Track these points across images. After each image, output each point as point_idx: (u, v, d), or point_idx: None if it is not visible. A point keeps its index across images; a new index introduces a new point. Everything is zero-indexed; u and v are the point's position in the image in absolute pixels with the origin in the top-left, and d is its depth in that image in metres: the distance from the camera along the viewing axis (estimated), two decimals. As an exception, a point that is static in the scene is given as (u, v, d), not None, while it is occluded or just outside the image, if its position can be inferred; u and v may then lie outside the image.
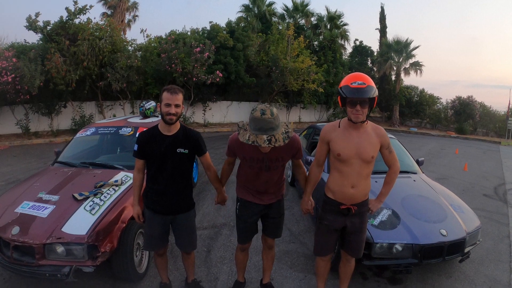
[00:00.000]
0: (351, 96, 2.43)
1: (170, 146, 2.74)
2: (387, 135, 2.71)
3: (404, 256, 3.43)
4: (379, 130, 2.65)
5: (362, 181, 2.63)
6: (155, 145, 2.74)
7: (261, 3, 25.02)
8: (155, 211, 2.85)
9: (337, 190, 2.69)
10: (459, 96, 27.06)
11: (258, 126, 2.38)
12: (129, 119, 5.24)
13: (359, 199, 2.69)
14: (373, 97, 2.45)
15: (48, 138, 13.66)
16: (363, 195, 2.70)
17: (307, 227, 5.02)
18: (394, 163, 2.74)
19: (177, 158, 2.76)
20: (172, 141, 2.75)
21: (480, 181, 9.09)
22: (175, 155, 2.75)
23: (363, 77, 2.49)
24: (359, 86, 2.42)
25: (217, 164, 9.01)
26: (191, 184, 3.02)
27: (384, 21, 29.31)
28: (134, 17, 30.12)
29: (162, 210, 2.85)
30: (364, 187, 2.67)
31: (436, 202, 4.12)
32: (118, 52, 14.72)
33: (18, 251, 2.98)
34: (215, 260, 3.99)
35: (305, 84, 19.34)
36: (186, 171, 2.90)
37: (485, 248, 4.68)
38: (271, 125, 2.37)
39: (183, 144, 2.77)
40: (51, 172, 4.17)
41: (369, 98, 2.44)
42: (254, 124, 2.40)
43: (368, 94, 2.42)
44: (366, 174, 2.65)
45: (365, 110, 2.47)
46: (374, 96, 2.46)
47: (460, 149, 15.66)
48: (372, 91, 2.43)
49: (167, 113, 2.64)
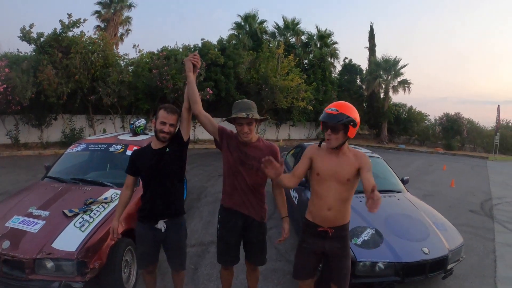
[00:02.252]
0: (321, 119, 2.57)
1: (160, 157, 2.85)
2: (368, 158, 2.67)
3: (387, 274, 3.52)
4: (359, 155, 2.62)
5: (339, 204, 2.61)
6: (145, 159, 2.85)
7: (252, 21, 25.44)
8: (150, 218, 2.90)
9: (315, 212, 2.71)
10: (446, 113, 27.67)
11: (238, 107, 2.84)
12: (119, 136, 5.29)
13: (337, 222, 2.66)
14: (343, 123, 2.45)
15: (38, 150, 13.63)
16: (342, 218, 2.67)
17: (293, 245, 5.06)
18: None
19: (167, 162, 2.86)
20: (161, 153, 2.87)
21: (467, 197, 9.27)
22: (164, 160, 2.85)
23: (340, 104, 2.54)
24: (331, 112, 2.49)
25: (205, 182, 9.08)
26: (182, 190, 3.10)
27: (373, 40, 29.92)
28: (127, 31, 30.29)
29: (157, 214, 2.90)
30: (342, 211, 2.64)
31: (419, 220, 4.25)
32: (110, 66, 14.87)
33: (7, 265, 3.01)
34: (202, 277, 4.04)
35: (295, 102, 19.74)
36: (176, 176, 2.96)
37: (470, 263, 4.79)
38: (248, 106, 2.84)
39: (168, 146, 2.89)
40: (41, 187, 4.22)
41: (341, 124, 2.45)
42: (236, 107, 2.86)
43: (334, 120, 2.45)
44: (344, 198, 2.62)
45: (337, 136, 2.49)
46: (344, 123, 2.45)
47: (448, 165, 15.89)
48: (340, 118, 2.44)
49: (161, 130, 2.76)
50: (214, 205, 6.87)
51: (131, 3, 28.95)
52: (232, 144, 2.90)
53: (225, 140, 2.93)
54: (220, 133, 2.93)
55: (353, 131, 2.51)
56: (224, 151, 2.93)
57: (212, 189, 8.25)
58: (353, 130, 2.50)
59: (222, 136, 2.94)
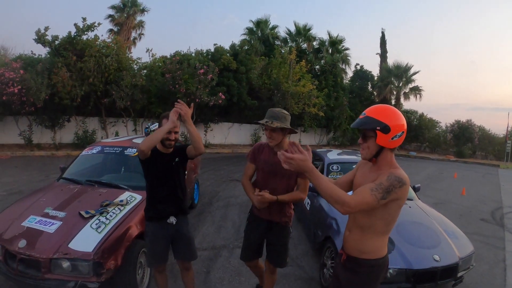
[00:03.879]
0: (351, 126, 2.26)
1: (169, 164, 3.05)
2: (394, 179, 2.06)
3: (398, 280, 3.53)
4: (390, 173, 2.03)
5: (357, 231, 2.19)
6: (157, 162, 3.02)
7: (264, 27, 25.57)
8: (159, 216, 3.04)
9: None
10: (458, 120, 27.58)
11: (267, 114, 2.98)
12: (134, 140, 5.37)
13: (352, 251, 2.23)
14: (371, 129, 2.03)
15: (50, 151, 13.82)
16: (357, 249, 2.19)
17: (304, 251, 5.09)
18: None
19: (175, 171, 3.08)
20: (170, 160, 3.06)
21: (478, 205, 9.18)
22: (172, 169, 3.07)
23: (371, 108, 2.12)
24: (360, 116, 2.13)
25: (217, 186, 9.12)
26: (185, 191, 3.27)
27: (385, 46, 29.97)
28: (140, 35, 30.65)
29: (167, 211, 3.06)
30: (360, 240, 2.19)
31: (430, 228, 4.24)
32: (123, 70, 15.04)
33: (23, 264, 3.07)
34: (214, 281, 4.06)
35: (306, 108, 19.77)
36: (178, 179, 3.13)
37: (480, 272, 4.77)
38: (273, 114, 2.94)
39: (175, 154, 3.08)
40: (57, 188, 4.30)
41: (370, 130, 2.05)
42: (266, 114, 2.99)
43: (359, 125, 2.08)
44: (362, 224, 2.15)
45: (367, 144, 2.10)
46: (372, 128, 2.02)
47: (459, 173, 15.76)
48: (366, 122, 2.06)
49: (167, 138, 2.92)
50: (226, 210, 6.90)
51: (144, 8, 29.43)
52: (261, 155, 3.13)
53: (256, 159, 3.16)
54: (253, 161, 3.19)
55: (385, 139, 2.02)
56: (257, 165, 3.16)
57: (223, 194, 8.29)
58: (385, 137, 2.02)
59: (255, 160, 3.17)
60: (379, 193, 1.90)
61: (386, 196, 1.91)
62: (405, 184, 1.93)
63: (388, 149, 2.06)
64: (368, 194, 1.91)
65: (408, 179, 1.98)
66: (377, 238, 2.12)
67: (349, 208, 1.86)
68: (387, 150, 2.06)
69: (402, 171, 2.00)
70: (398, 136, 2.02)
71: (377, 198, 1.90)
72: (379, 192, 1.91)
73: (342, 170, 5.47)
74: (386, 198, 1.91)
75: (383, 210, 1.99)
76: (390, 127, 1.99)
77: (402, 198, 1.98)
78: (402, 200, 2.00)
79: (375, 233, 2.11)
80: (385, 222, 2.07)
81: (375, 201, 1.90)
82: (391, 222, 2.09)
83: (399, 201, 1.98)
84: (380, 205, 1.94)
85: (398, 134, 2.02)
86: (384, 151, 2.06)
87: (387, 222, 2.07)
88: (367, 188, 1.94)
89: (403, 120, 2.06)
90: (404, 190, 1.95)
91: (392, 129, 2.00)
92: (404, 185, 1.93)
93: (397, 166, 2.05)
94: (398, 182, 1.92)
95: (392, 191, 1.91)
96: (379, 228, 2.09)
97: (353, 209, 1.89)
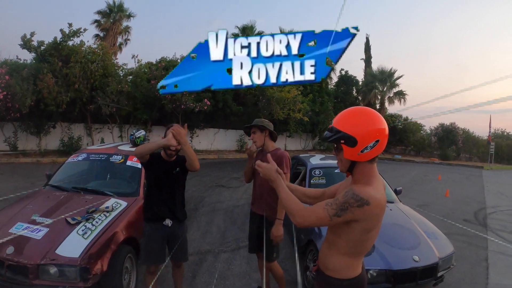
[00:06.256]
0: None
1: (170, 172, 3.32)
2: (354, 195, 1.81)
3: (378, 281, 3.65)
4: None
5: (325, 246, 2.01)
6: (160, 166, 3.30)
7: (250, 32, 25.78)
8: (157, 218, 3.29)
9: None
10: (442, 123, 28.06)
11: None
12: (119, 147, 5.40)
13: (321, 265, 2.01)
14: (334, 140, 1.79)
15: (36, 158, 13.70)
16: (324, 265, 1.98)
17: (288, 254, 5.19)
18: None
19: (176, 179, 3.36)
20: (172, 168, 3.33)
21: (461, 206, 9.40)
22: (174, 176, 3.34)
23: (339, 115, 1.86)
24: (329, 125, 1.86)
25: (202, 192, 9.19)
26: (183, 200, 3.53)
27: (369, 51, 30.39)
28: (126, 40, 30.43)
29: (163, 214, 3.30)
30: (326, 255, 1.96)
31: (410, 230, 4.38)
32: (109, 76, 15.01)
33: (11, 270, 3.12)
34: (200, 285, 4.15)
35: (291, 113, 19.94)
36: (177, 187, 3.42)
37: (462, 271, 4.91)
38: (255, 122, 3.63)
39: (177, 164, 3.35)
40: (44, 195, 4.34)
41: (335, 142, 1.79)
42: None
43: (324, 139, 1.86)
44: (330, 241, 1.94)
45: (339, 156, 1.85)
46: (335, 140, 1.78)
47: (443, 175, 16.00)
48: (330, 133, 1.81)
49: (169, 148, 3.20)
50: (212, 215, 6.99)
51: (130, 13, 29.26)
52: (257, 156, 3.64)
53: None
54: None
55: (352, 152, 1.73)
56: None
57: (209, 199, 8.38)
58: (351, 150, 1.72)
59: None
60: (333, 209, 1.67)
61: (340, 213, 1.66)
62: (366, 205, 1.63)
63: (365, 162, 1.76)
64: (321, 209, 1.71)
65: (376, 199, 1.66)
66: (341, 257, 1.84)
67: (299, 219, 1.72)
68: (364, 163, 1.76)
69: (369, 189, 1.68)
70: (370, 147, 1.69)
71: (329, 214, 1.68)
72: (332, 208, 1.68)
73: (324, 175, 5.57)
74: (341, 216, 1.66)
75: (346, 229, 1.75)
76: (357, 138, 1.68)
77: (363, 220, 1.68)
78: (365, 222, 1.70)
79: (339, 252, 1.84)
80: (348, 244, 1.80)
81: (327, 217, 1.68)
82: (358, 245, 1.80)
83: (360, 223, 1.69)
84: (335, 223, 1.71)
85: (370, 145, 1.69)
86: (359, 163, 1.76)
87: (352, 244, 1.79)
88: (324, 202, 1.74)
89: (378, 125, 1.72)
90: (365, 212, 1.64)
91: (359, 141, 1.68)
92: (365, 206, 1.63)
93: (368, 182, 1.74)
94: (355, 201, 1.63)
95: (347, 209, 1.64)
96: (342, 248, 1.82)
97: (304, 221, 1.73)
